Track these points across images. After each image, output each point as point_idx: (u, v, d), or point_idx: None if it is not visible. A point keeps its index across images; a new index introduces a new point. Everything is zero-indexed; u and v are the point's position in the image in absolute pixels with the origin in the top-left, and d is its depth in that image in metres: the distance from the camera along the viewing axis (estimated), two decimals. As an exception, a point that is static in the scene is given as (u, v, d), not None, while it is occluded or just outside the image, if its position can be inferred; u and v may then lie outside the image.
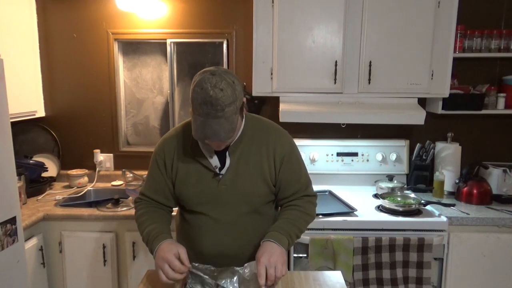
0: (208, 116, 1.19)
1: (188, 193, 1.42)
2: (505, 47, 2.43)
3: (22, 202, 2.25)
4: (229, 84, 1.21)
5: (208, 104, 1.18)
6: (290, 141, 1.47)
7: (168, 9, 2.67)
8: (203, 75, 1.22)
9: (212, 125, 1.20)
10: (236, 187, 1.39)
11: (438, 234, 2.10)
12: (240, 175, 1.39)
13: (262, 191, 1.43)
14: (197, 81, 1.22)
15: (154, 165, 1.46)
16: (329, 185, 2.64)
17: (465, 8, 2.39)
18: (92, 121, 2.82)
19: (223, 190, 1.40)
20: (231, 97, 1.20)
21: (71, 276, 2.29)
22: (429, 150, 2.58)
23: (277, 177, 1.43)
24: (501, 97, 2.50)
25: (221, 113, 1.19)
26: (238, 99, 1.23)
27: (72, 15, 2.70)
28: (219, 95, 1.18)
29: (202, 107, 1.19)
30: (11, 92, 1.98)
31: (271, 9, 2.29)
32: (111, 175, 2.83)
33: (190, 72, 2.78)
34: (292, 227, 1.38)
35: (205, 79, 1.20)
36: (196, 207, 1.44)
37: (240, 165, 1.39)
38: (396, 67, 2.31)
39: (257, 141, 1.41)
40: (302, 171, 1.50)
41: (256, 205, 1.44)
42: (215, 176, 1.39)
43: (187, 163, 1.41)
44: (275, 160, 1.41)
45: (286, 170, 1.43)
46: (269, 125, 1.48)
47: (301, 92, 2.38)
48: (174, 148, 1.43)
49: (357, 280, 2.07)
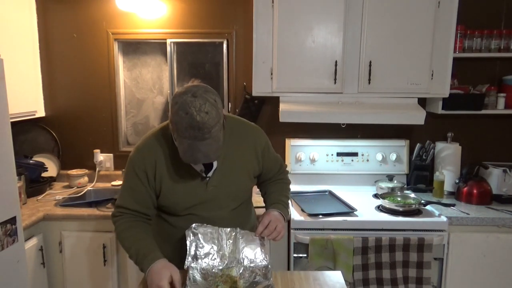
0: (196, 139, 1.19)
1: (177, 200, 1.41)
2: (505, 47, 2.43)
3: (22, 202, 2.25)
4: (212, 105, 1.21)
5: (195, 129, 1.18)
6: (263, 133, 1.57)
7: (168, 9, 2.67)
8: (184, 98, 1.21)
9: (200, 147, 1.20)
10: (224, 187, 1.43)
11: (438, 234, 2.10)
12: (227, 175, 1.43)
13: (248, 185, 1.52)
14: (179, 105, 1.20)
15: (133, 176, 1.39)
16: (329, 185, 2.64)
17: (465, 8, 2.39)
18: (92, 121, 2.82)
19: (212, 192, 1.42)
20: (216, 117, 1.21)
21: (71, 276, 2.29)
22: (429, 150, 2.58)
23: (262, 169, 1.55)
24: (501, 97, 2.50)
25: (208, 135, 1.20)
26: (221, 117, 1.25)
27: (72, 15, 2.70)
28: (205, 118, 1.18)
29: (189, 131, 1.19)
30: (11, 92, 1.98)
31: (271, 9, 2.29)
32: (111, 175, 2.83)
33: (190, 72, 2.78)
34: (285, 198, 1.58)
35: (188, 102, 1.19)
36: (184, 211, 1.44)
37: (225, 165, 1.42)
38: (396, 67, 2.31)
39: (237, 140, 1.46)
40: (275, 153, 1.63)
41: (242, 200, 1.53)
42: (202, 180, 1.41)
43: (172, 171, 1.39)
44: (257, 154, 1.50)
45: (267, 159, 1.55)
46: (243, 123, 1.53)
47: (301, 92, 2.38)
48: (155, 156, 1.38)
49: (357, 280, 2.07)
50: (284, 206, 1.53)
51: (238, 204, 1.51)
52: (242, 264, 1.37)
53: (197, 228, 1.38)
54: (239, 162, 1.45)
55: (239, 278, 1.32)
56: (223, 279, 1.32)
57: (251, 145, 1.48)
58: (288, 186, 1.66)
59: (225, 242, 1.40)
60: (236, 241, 1.41)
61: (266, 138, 1.56)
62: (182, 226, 1.42)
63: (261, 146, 1.51)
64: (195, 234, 1.37)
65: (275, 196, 1.56)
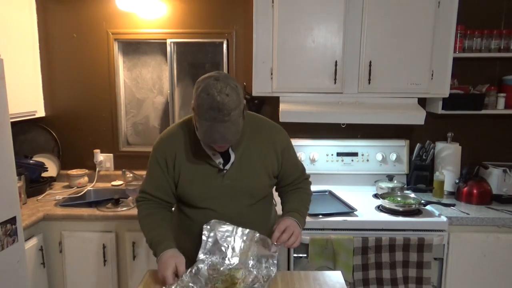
0: (215, 120, 1.23)
1: (193, 191, 1.45)
2: (505, 47, 2.44)
3: (22, 202, 2.25)
4: (233, 88, 1.25)
5: (215, 109, 1.22)
6: (286, 133, 1.56)
7: (168, 9, 2.67)
8: (207, 81, 1.25)
9: (219, 129, 1.24)
10: (240, 182, 1.44)
11: (438, 234, 2.10)
12: (244, 169, 1.44)
13: (265, 183, 1.50)
14: (202, 87, 1.25)
15: (155, 163, 1.47)
16: (329, 185, 2.64)
17: (465, 8, 2.39)
18: (92, 121, 2.82)
19: (228, 185, 1.43)
20: (236, 101, 1.25)
21: (71, 276, 2.29)
22: (429, 150, 2.58)
23: (280, 169, 1.52)
24: (501, 97, 2.50)
25: (227, 118, 1.23)
26: (241, 102, 1.29)
27: (72, 15, 2.70)
28: (226, 100, 1.22)
29: (209, 113, 1.22)
30: (11, 92, 1.98)
31: (271, 9, 2.29)
32: (111, 175, 2.83)
33: (190, 72, 2.78)
34: (303, 208, 1.55)
35: (210, 85, 1.24)
36: (201, 203, 1.46)
37: (243, 160, 1.44)
38: (396, 67, 2.31)
39: (257, 136, 1.48)
40: (298, 158, 1.63)
41: (259, 197, 1.51)
42: (219, 172, 1.43)
43: (190, 162, 1.44)
44: (277, 152, 1.49)
45: (288, 161, 1.54)
46: (265, 121, 1.55)
47: (301, 92, 2.38)
48: (175, 147, 1.45)
49: (357, 280, 2.07)
50: (300, 215, 1.51)
51: (255, 200, 1.50)
52: (247, 268, 1.36)
53: (215, 224, 1.40)
54: (257, 158, 1.46)
55: (240, 281, 1.32)
56: (225, 278, 1.32)
57: (271, 142, 1.48)
58: (309, 196, 1.62)
59: (240, 243, 1.39)
60: (251, 245, 1.39)
61: (288, 138, 1.55)
62: (200, 221, 1.46)
63: (281, 145, 1.50)
64: (212, 230, 1.39)
65: (292, 205, 1.54)
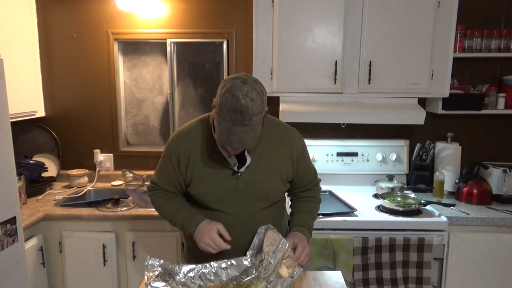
0: (235, 123, 1.21)
1: (206, 191, 1.44)
2: (505, 47, 2.43)
3: (22, 202, 2.25)
4: (259, 94, 1.24)
5: (238, 112, 1.20)
6: (301, 138, 1.55)
7: (168, 9, 2.67)
8: (234, 82, 1.23)
9: (238, 132, 1.22)
10: (254, 185, 1.43)
11: (438, 234, 2.10)
12: (258, 173, 1.43)
13: (279, 188, 1.49)
14: (227, 87, 1.23)
15: (167, 160, 1.46)
16: (329, 185, 2.64)
17: (465, 8, 2.39)
18: (92, 121, 2.82)
19: (241, 188, 1.43)
20: (260, 107, 1.23)
21: (71, 276, 2.29)
22: (429, 150, 2.58)
23: (295, 174, 1.51)
24: (501, 97, 2.50)
25: (248, 122, 1.22)
26: (264, 109, 1.27)
27: (72, 15, 2.70)
28: (250, 104, 1.20)
29: (231, 114, 1.21)
30: (11, 92, 1.98)
31: (271, 9, 2.29)
32: (111, 175, 2.84)
33: (190, 72, 2.79)
34: (312, 221, 1.56)
35: (237, 86, 1.22)
36: (213, 204, 1.46)
37: (258, 163, 1.43)
38: (396, 67, 2.31)
39: (273, 140, 1.46)
40: (311, 165, 1.61)
41: (272, 201, 1.51)
42: (234, 174, 1.42)
43: (205, 162, 1.42)
44: (293, 158, 1.48)
45: (302, 167, 1.52)
46: (282, 125, 1.53)
47: (301, 92, 2.38)
48: (191, 146, 1.43)
49: (357, 280, 2.07)
50: (309, 230, 1.52)
51: (268, 204, 1.49)
52: (267, 282, 1.31)
53: (268, 229, 1.41)
54: (273, 163, 1.45)
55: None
56: (242, 283, 1.31)
57: (288, 147, 1.47)
58: (318, 205, 1.62)
59: (275, 255, 1.36)
60: (280, 261, 1.35)
61: (303, 143, 1.54)
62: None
63: (297, 151, 1.49)
64: (263, 233, 1.40)
65: (303, 217, 1.54)
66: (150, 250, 2.25)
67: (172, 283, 1.28)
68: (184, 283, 1.29)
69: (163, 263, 1.30)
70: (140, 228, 2.24)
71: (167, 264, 1.31)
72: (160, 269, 1.29)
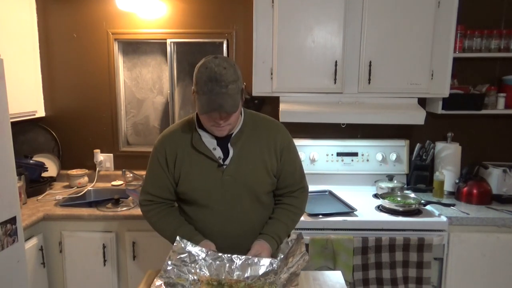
0: (212, 92, 1.28)
1: (193, 186, 1.46)
2: (505, 47, 2.43)
3: (22, 202, 2.25)
4: (231, 65, 1.32)
5: (213, 81, 1.27)
6: (287, 133, 1.56)
7: (168, 9, 2.67)
8: (206, 58, 1.33)
9: (217, 99, 1.29)
10: (239, 178, 1.44)
11: (438, 234, 2.10)
12: (243, 165, 1.45)
13: (264, 181, 1.49)
14: (201, 63, 1.33)
15: (155, 162, 1.49)
16: (329, 185, 2.64)
17: (465, 8, 2.39)
18: (92, 121, 2.82)
19: (227, 181, 1.44)
20: (234, 75, 1.30)
21: (71, 276, 2.29)
22: (429, 150, 2.58)
23: (279, 168, 1.51)
24: (501, 97, 2.50)
25: (224, 89, 1.28)
26: (239, 79, 1.34)
27: (72, 15, 2.70)
28: (223, 72, 1.28)
29: (207, 84, 1.28)
30: (11, 92, 1.98)
31: (271, 9, 2.29)
32: (111, 175, 2.83)
33: (190, 72, 2.78)
34: (284, 232, 1.52)
35: (209, 60, 1.31)
36: (200, 200, 1.47)
37: (243, 156, 1.45)
38: (396, 67, 2.31)
39: (258, 133, 1.49)
40: (297, 163, 1.58)
41: (258, 195, 1.50)
42: (219, 167, 1.44)
43: (191, 157, 1.45)
44: (276, 151, 1.49)
45: (287, 160, 1.52)
46: (267, 118, 1.57)
47: (301, 92, 2.38)
48: (176, 143, 1.47)
49: (357, 280, 2.07)
50: (277, 242, 1.47)
51: (253, 199, 1.49)
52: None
53: (300, 236, 1.41)
54: (256, 154, 1.47)
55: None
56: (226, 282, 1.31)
57: (272, 140, 1.49)
58: (298, 217, 1.57)
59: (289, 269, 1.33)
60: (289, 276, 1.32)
61: (289, 138, 1.55)
62: (201, 219, 1.48)
63: (282, 144, 1.50)
64: (295, 240, 1.41)
65: (276, 226, 1.50)
66: (150, 250, 2.25)
67: (189, 265, 1.31)
68: (201, 266, 1.32)
69: (193, 247, 1.35)
70: (140, 228, 2.23)
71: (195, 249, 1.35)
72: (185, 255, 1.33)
